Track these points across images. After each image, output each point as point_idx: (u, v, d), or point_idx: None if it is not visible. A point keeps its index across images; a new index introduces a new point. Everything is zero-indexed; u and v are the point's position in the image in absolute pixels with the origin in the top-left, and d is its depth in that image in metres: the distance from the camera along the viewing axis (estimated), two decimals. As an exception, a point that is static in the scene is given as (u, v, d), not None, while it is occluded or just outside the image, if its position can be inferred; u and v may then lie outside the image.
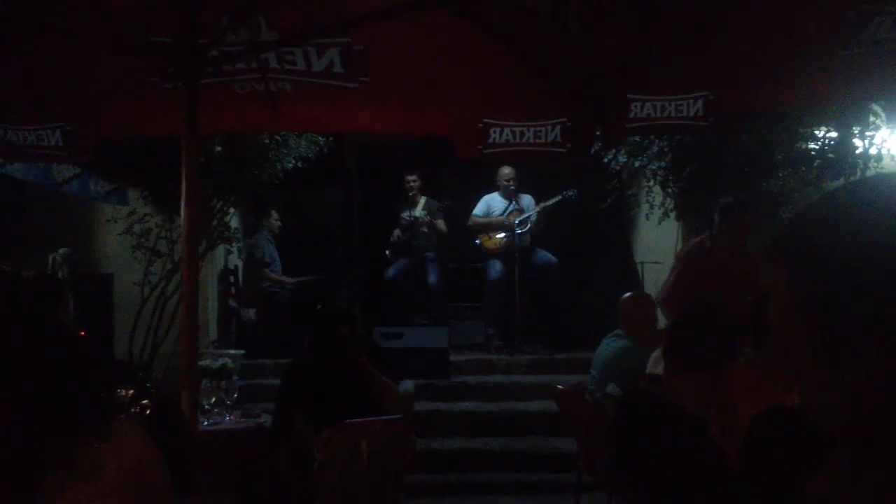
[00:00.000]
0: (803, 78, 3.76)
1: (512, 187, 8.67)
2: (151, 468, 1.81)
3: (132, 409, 3.25)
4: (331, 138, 7.43)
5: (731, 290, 4.39)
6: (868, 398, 0.90)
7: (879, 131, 6.58)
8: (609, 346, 5.29)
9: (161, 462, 1.85)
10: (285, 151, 7.13)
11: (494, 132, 4.08)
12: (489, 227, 8.76)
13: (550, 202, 8.62)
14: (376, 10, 3.51)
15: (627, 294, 5.52)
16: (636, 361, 4.84)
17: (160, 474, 1.85)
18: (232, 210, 7.87)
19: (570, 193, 8.55)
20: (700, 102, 3.78)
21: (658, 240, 8.48)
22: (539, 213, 8.64)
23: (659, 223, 7.66)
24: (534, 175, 9.44)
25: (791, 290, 0.96)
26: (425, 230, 9.14)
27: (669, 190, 7.32)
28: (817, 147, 6.74)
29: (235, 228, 8.09)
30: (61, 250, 7.36)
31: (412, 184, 9.25)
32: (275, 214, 9.32)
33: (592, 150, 5.01)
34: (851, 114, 6.51)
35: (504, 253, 8.64)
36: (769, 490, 2.37)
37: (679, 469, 2.69)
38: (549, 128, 4.05)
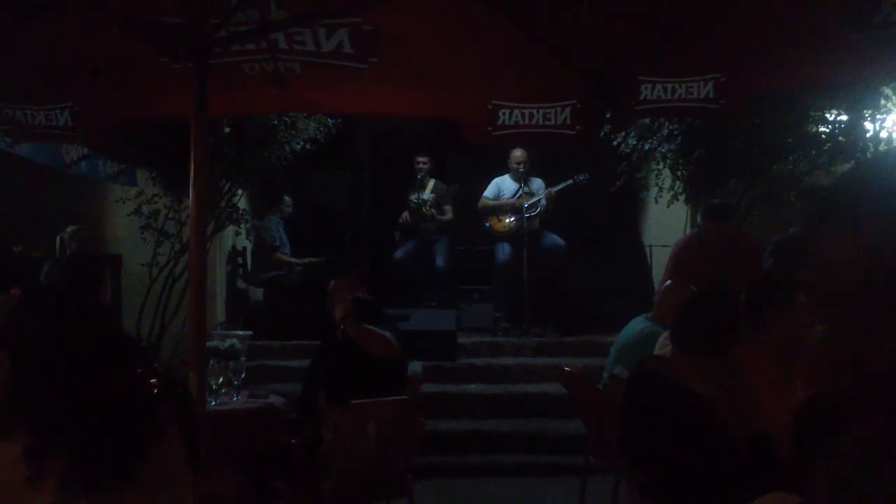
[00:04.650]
0: (814, 60, 3.73)
1: (522, 170, 8.66)
2: None
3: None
4: (339, 120, 7.42)
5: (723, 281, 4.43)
6: None
7: (890, 114, 6.54)
8: (632, 328, 5.21)
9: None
10: (294, 133, 7.13)
11: (504, 114, 4.06)
12: (499, 210, 8.75)
13: (560, 186, 8.62)
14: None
15: (668, 281, 5.44)
16: (655, 346, 4.81)
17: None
18: (240, 191, 7.88)
19: (580, 178, 8.55)
20: (710, 85, 3.76)
21: (667, 223, 8.47)
22: (548, 196, 8.63)
23: (668, 206, 7.65)
24: (543, 158, 9.42)
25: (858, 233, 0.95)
26: (432, 212, 9.13)
27: (679, 173, 7.30)
28: (828, 130, 6.71)
29: (244, 210, 8.09)
30: (69, 228, 7.38)
31: (422, 166, 9.23)
32: (288, 200, 9.32)
33: (602, 133, 5.00)
34: (862, 96, 6.48)
35: (513, 236, 8.64)
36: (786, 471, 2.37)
37: (686, 450, 2.70)
38: (559, 110, 4.03)
